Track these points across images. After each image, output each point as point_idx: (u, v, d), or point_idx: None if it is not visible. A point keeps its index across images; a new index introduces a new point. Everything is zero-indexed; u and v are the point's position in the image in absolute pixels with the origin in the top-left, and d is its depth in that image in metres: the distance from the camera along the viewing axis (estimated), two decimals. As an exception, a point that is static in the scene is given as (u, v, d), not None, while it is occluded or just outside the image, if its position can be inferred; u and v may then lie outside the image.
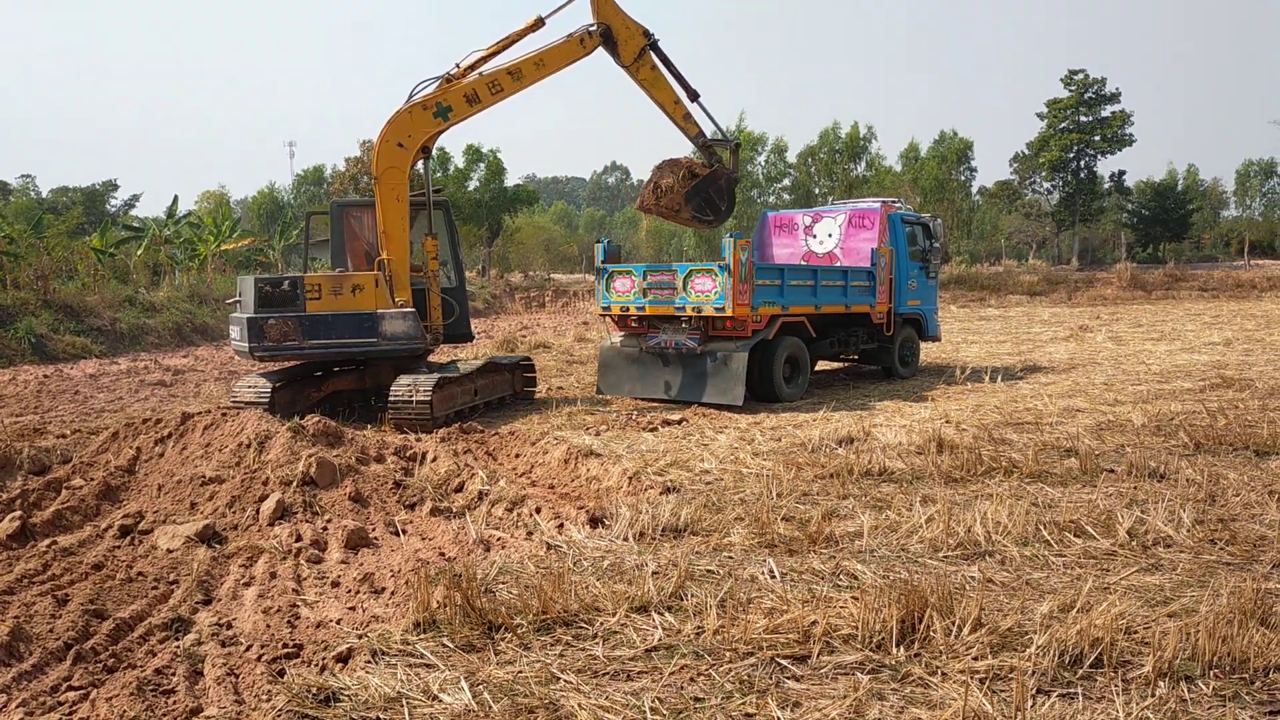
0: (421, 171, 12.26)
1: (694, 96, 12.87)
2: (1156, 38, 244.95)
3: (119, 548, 6.55)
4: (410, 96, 11.45)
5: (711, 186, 13.09)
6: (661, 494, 7.25)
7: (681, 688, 3.92)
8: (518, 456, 9.13)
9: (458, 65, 11.67)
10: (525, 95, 12.11)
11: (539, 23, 11.92)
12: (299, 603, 5.39)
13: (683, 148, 13.52)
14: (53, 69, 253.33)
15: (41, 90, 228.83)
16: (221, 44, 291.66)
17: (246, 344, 10.70)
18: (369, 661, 4.25)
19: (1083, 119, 56.76)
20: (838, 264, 14.50)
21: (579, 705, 3.72)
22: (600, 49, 12.21)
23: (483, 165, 51.61)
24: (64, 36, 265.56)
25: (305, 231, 13.81)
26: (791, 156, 61.44)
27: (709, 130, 13.00)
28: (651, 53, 12.46)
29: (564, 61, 12.04)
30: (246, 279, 11.39)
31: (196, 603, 5.45)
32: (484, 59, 11.75)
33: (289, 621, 5.09)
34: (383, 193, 11.37)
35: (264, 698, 4.03)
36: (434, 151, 12.21)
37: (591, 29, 12.10)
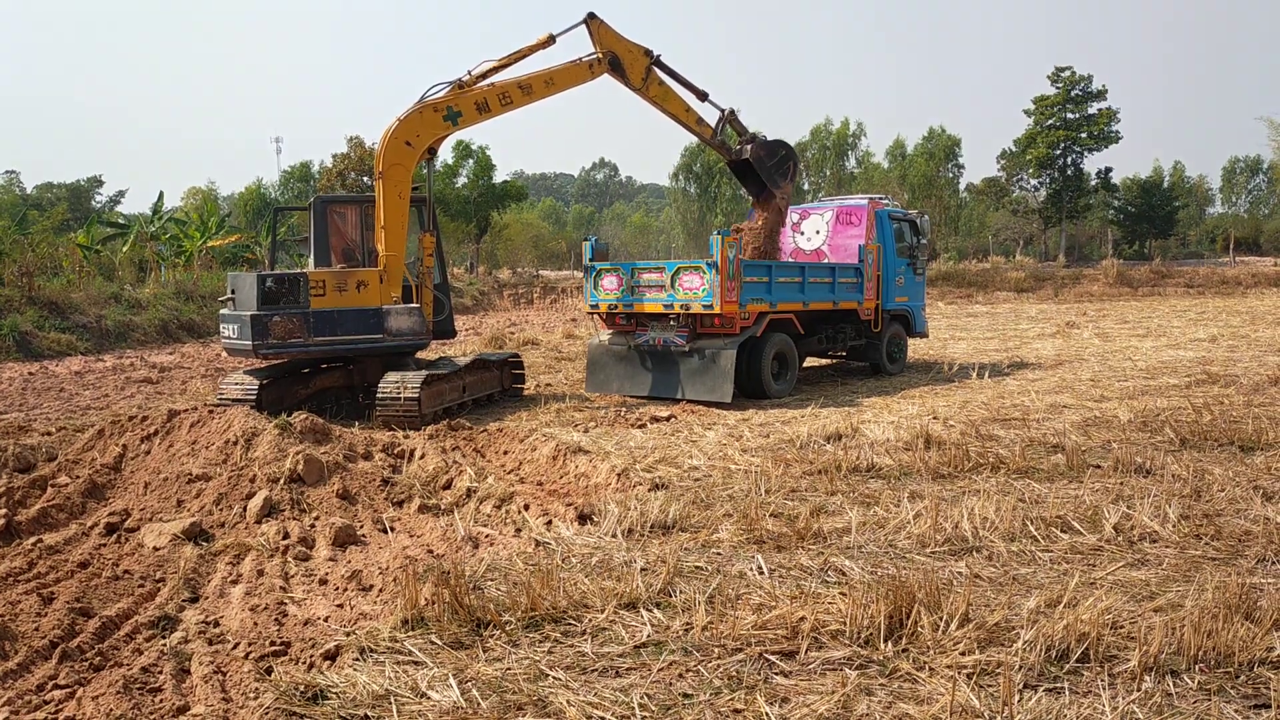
0: (424, 171, 12.36)
1: (703, 97, 13.17)
2: (1143, 35, 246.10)
3: (105, 546, 6.52)
4: (422, 98, 11.49)
5: (766, 164, 13.51)
6: (650, 491, 7.25)
7: (670, 684, 3.92)
8: (506, 453, 9.12)
9: (469, 73, 11.78)
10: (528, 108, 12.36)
11: (550, 40, 12.10)
12: (286, 600, 5.38)
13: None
14: (38, 64, 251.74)
15: (27, 86, 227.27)
16: (208, 40, 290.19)
17: (250, 342, 10.57)
18: (357, 659, 4.24)
19: (1069, 116, 56.94)
20: (825, 261, 14.52)
21: (567, 702, 3.72)
22: (608, 75, 12.46)
23: (471, 161, 51.50)
24: (49, 32, 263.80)
25: (272, 227, 13.72)
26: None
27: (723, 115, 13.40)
28: (656, 69, 12.71)
29: (572, 83, 12.29)
30: (244, 276, 11.31)
31: (183, 601, 5.43)
32: (495, 69, 11.91)
33: (276, 619, 5.07)
34: (386, 189, 11.35)
35: (251, 695, 4.02)
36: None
37: (599, 57, 12.32)
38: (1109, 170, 60.15)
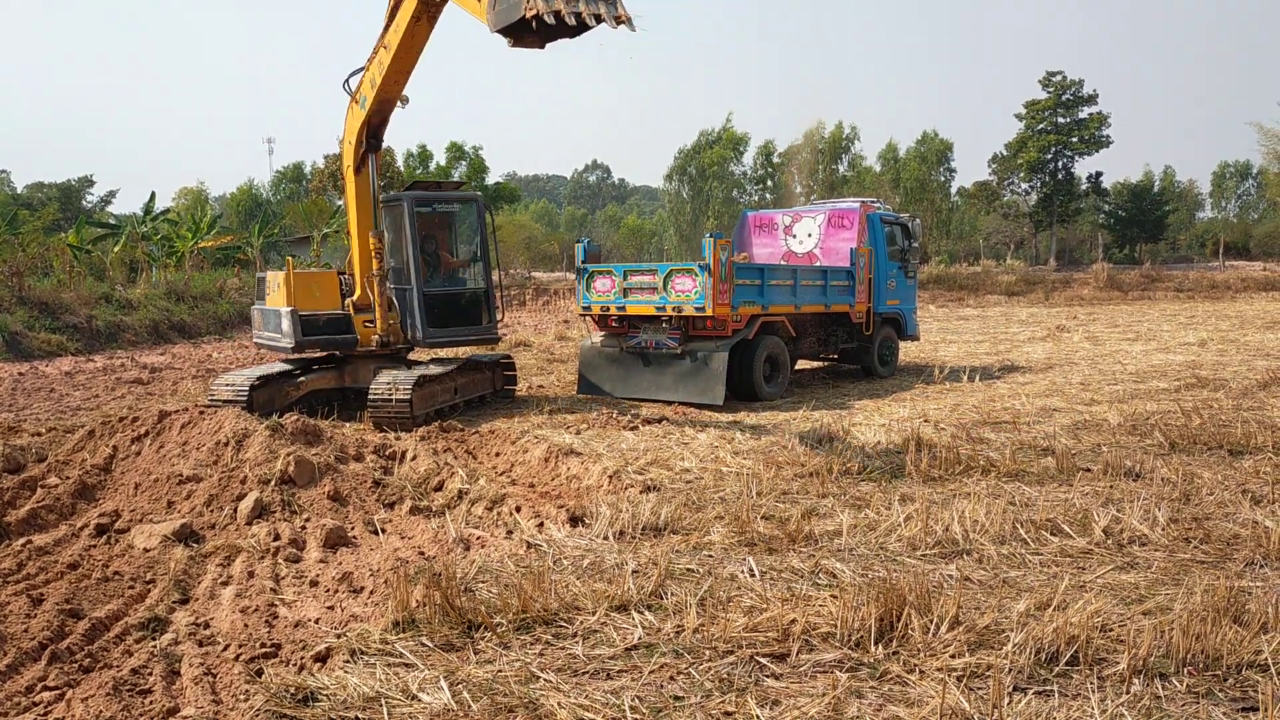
0: (369, 167, 11.90)
1: None
2: (1134, 40, 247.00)
3: (95, 547, 6.49)
4: (345, 88, 11.10)
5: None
6: (642, 493, 7.26)
7: (661, 686, 3.93)
8: (498, 455, 9.12)
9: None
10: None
11: None
12: (277, 602, 5.37)
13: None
14: (29, 63, 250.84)
15: (17, 85, 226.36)
16: (199, 39, 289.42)
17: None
18: (348, 661, 4.23)
19: (1060, 120, 57.10)
20: (817, 264, 14.55)
21: (558, 704, 3.72)
22: None
23: (464, 163, 51.47)
24: (40, 30, 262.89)
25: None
26: (774, 157, 61.84)
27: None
28: None
29: (409, 13, 9.41)
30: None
31: (173, 602, 5.41)
32: (381, 35, 10.39)
33: (267, 621, 5.06)
34: (345, 192, 11.59)
35: (241, 698, 4.01)
36: (415, 147, 12.14)
37: None
38: (1099, 174, 60.28)
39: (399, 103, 10.85)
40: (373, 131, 11.04)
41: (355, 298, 11.54)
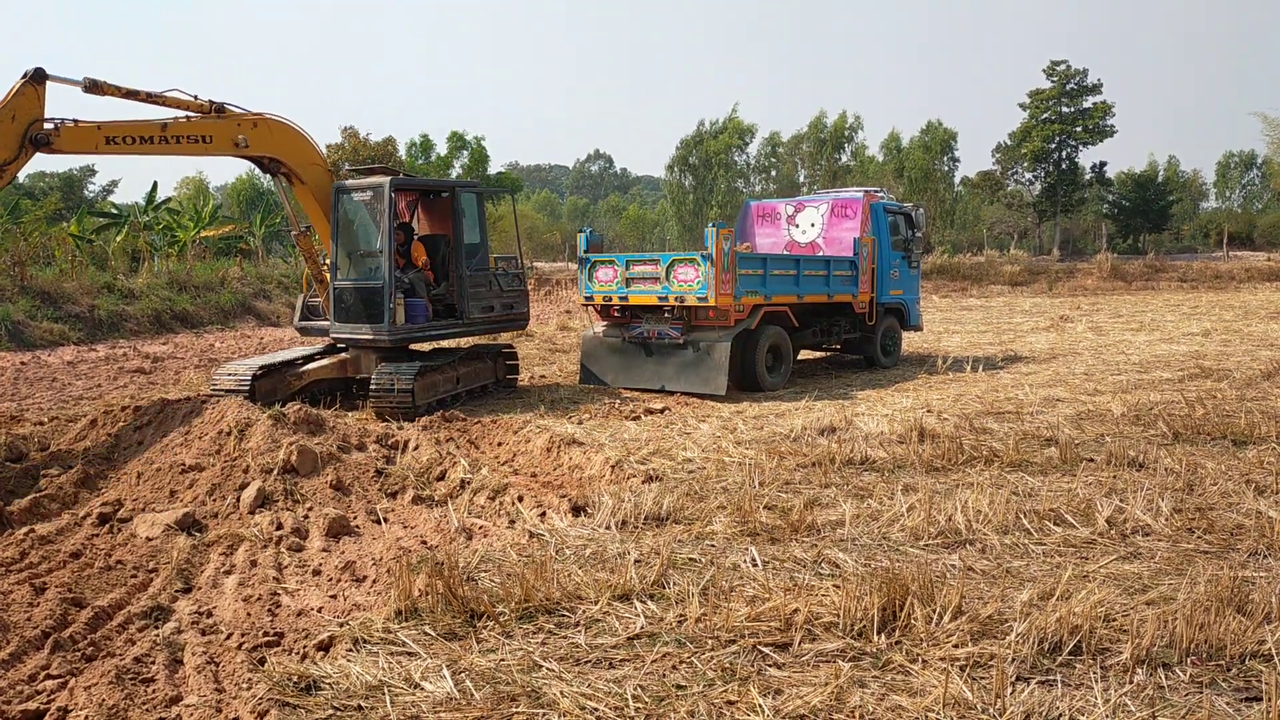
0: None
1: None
2: (1138, 29, 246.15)
3: (97, 536, 6.50)
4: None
5: None
6: (644, 482, 7.25)
7: (663, 675, 3.93)
8: (500, 445, 9.12)
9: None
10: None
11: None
12: (280, 591, 5.37)
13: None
14: (29, 57, 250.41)
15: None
16: (199, 30, 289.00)
17: None
18: (350, 650, 4.24)
19: (1064, 110, 56.85)
20: (820, 253, 14.52)
21: (561, 693, 3.72)
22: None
23: (466, 153, 51.40)
24: (41, 23, 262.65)
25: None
26: (778, 148, 61.73)
27: None
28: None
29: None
30: None
31: (176, 591, 5.42)
32: None
33: (269, 610, 5.07)
34: None
35: (244, 686, 4.01)
36: (418, 136, 12.21)
37: None
38: (1104, 164, 60.06)
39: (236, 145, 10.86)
40: (264, 167, 11.81)
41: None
